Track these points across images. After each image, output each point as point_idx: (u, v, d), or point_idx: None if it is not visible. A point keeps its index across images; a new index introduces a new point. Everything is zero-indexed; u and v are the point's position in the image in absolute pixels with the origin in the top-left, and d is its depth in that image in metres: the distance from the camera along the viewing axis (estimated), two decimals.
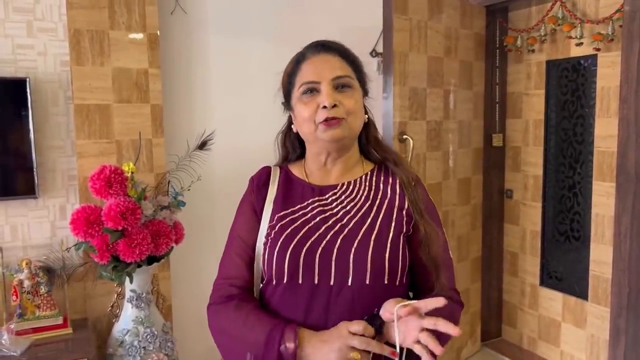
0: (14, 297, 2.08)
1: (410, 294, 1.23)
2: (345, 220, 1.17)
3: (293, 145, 1.32)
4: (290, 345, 1.05)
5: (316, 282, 1.12)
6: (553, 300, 3.03)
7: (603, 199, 2.67)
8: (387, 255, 1.12)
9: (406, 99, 2.56)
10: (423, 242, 1.17)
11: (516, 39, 3.03)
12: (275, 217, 1.20)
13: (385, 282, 1.11)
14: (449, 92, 2.84)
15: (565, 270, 3.01)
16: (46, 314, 2.12)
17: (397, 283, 1.14)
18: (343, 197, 1.21)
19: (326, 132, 1.15)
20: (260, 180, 1.28)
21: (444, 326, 0.94)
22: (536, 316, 3.15)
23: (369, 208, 1.19)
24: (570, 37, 2.72)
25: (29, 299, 2.11)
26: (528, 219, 3.17)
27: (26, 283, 2.10)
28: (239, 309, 1.16)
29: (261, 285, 1.22)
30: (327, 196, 1.22)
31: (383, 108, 2.53)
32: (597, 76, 2.67)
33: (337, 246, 1.13)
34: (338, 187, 1.23)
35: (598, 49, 2.61)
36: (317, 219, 1.18)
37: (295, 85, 1.21)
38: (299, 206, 1.21)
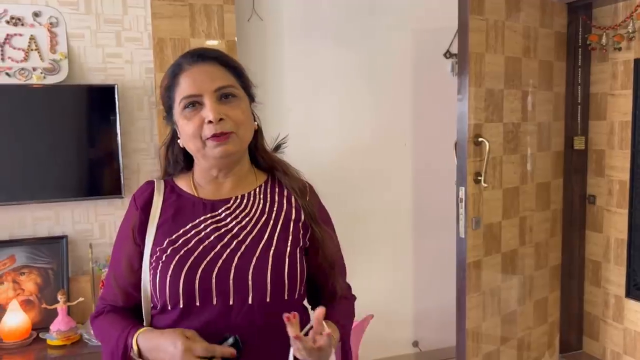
0: None
1: (307, 305, 1.24)
2: (241, 236, 1.12)
3: (176, 159, 1.22)
4: (132, 350, 1.07)
5: (214, 303, 1.07)
6: None
7: None
8: (285, 271, 1.10)
9: (482, 100, 2.50)
10: (320, 246, 1.19)
11: (601, 37, 2.88)
12: (166, 241, 1.12)
13: (285, 297, 1.10)
14: (527, 93, 2.74)
15: None
16: None
17: (296, 296, 1.14)
18: (237, 211, 1.16)
19: (216, 149, 1.08)
20: (142, 200, 1.18)
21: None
22: (621, 329, 2.97)
23: (265, 222, 1.15)
24: None
25: None
26: (613, 226, 2.99)
27: None
28: (104, 319, 1.18)
29: (152, 312, 1.14)
30: (220, 211, 1.15)
31: (458, 110, 2.48)
32: None
33: (234, 265, 1.09)
34: (231, 202, 1.17)
35: None
36: (212, 237, 1.12)
37: (176, 100, 1.12)
38: (190, 225, 1.13)
